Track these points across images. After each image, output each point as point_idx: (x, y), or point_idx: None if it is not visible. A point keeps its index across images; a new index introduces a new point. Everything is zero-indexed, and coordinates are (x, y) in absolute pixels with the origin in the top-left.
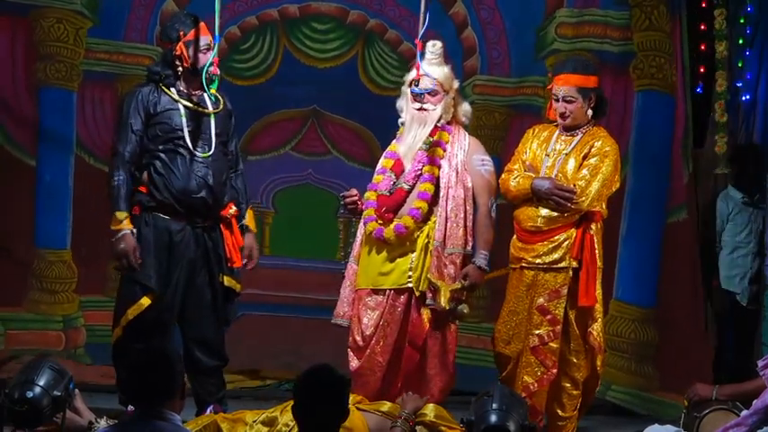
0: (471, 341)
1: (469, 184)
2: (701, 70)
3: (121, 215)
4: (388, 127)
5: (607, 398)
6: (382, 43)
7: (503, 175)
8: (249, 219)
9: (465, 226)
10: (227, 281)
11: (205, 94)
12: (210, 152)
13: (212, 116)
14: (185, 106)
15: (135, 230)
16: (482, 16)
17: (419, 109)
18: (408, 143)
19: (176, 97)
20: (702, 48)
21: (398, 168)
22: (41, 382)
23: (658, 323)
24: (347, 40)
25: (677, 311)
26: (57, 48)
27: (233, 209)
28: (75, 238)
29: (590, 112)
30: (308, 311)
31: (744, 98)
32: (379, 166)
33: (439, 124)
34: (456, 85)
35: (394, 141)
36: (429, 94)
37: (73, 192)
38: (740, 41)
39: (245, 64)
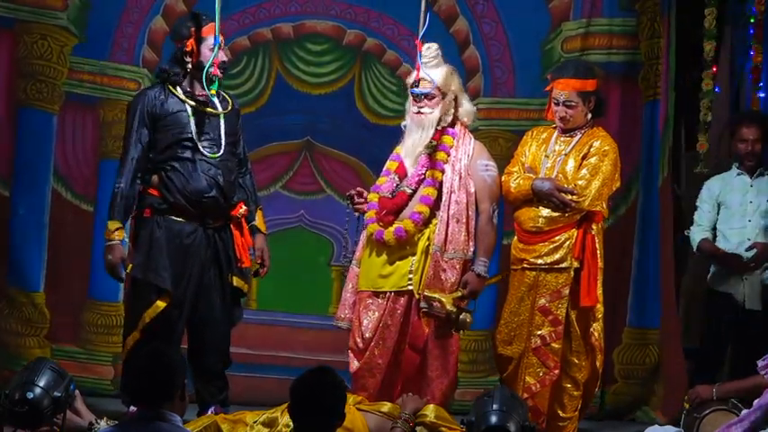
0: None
1: (472, 189)
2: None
3: (113, 225)
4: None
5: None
6: (380, 65)
7: (503, 177)
8: (259, 220)
9: (467, 231)
10: (235, 281)
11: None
12: (220, 153)
13: (222, 117)
14: (192, 107)
15: (127, 240)
16: (485, 30)
17: (417, 113)
18: (408, 147)
19: (183, 98)
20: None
21: (402, 171)
22: (42, 383)
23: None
24: (343, 63)
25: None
26: (39, 66)
27: (243, 208)
28: (49, 282)
29: (589, 115)
30: (298, 373)
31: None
32: (384, 168)
33: (439, 127)
34: (456, 84)
35: (399, 144)
36: (426, 97)
37: (48, 229)
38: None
39: (236, 90)
